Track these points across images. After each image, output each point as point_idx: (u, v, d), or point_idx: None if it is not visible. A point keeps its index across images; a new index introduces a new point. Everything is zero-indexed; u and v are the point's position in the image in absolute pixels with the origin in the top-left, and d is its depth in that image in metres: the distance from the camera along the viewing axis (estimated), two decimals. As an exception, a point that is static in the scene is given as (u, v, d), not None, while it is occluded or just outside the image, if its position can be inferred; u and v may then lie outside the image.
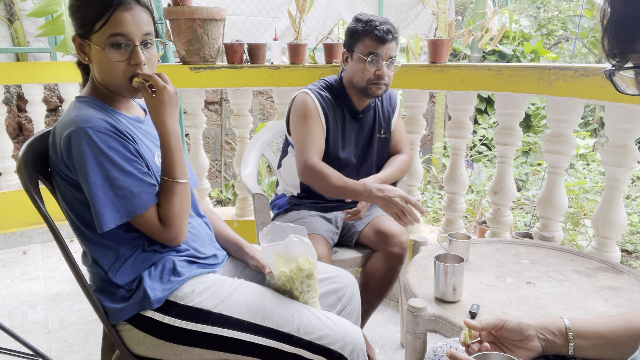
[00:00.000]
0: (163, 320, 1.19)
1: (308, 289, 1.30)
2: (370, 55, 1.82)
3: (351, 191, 1.78)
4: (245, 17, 4.70)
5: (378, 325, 2.31)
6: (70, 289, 2.64)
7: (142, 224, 1.19)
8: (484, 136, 4.81)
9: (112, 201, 1.13)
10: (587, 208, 3.39)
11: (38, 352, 1.83)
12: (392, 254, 1.85)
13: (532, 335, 0.91)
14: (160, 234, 1.21)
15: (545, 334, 0.91)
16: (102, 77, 1.21)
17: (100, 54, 1.17)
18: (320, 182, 1.81)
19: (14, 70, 3.24)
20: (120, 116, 1.26)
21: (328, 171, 1.80)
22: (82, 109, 1.18)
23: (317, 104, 1.89)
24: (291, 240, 1.27)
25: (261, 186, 3.49)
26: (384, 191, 1.74)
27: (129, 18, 1.16)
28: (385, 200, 1.73)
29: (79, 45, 1.20)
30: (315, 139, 1.85)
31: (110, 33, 1.15)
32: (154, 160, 1.27)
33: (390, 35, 1.81)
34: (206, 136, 4.92)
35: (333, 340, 1.22)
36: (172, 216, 1.20)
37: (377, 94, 1.88)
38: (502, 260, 1.64)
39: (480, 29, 2.80)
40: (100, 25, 1.15)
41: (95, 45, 1.16)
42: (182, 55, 2.61)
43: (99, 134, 1.12)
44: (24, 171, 1.20)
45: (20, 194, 1.03)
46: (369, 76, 1.84)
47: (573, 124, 1.99)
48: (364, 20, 1.84)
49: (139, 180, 1.17)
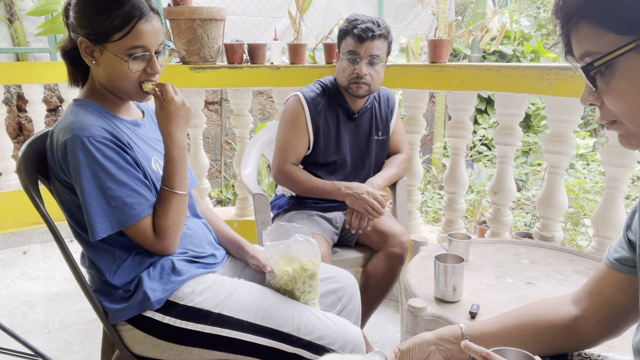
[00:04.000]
0: (163, 320, 1.19)
1: (310, 290, 1.30)
2: (348, 53, 1.83)
3: (321, 191, 1.87)
4: (245, 17, 4.70)
5: (378, 325, 2.31)
6: (70, 289, 2.65)
7: (134, 234, 1.19)
8: (484, 136, 4.81)
9: (104, 211, 1.13)
10: (587, 208, 3.39)
11: (38, 352, 1.83)
12: (393, 254, 1.86)
13: (433, 350, 0.93)
14: (152, 244, 1.20)
15: (445, 344, 0.93)
16: (113, 83, 1.21)
17: (117, 62, 1.17)
18: (291, 185, 1.91)
19: (14, 70, 3.24)
20: (117, 120, 1.25)
21: (298, 175, 1.88)
22: (79, 114, 1.18)
23: (306, 110, 1.89)
24: (296, 240, 1.27)
25: (261, 186, 3.49)
26: (352, 189, 1.81)
27: (149, 30, 1.17)
28: (354, 197, 1.80)
29: (86, 48, 1.18)
30: (293, 146, 1.90)
31: (131, 45, 1.15)
32: (150, 165, 1.26)
33: (370, 33, 1.79)
34: (206, 136, 4.92)
35: (333, 340, 1.22)
36: (167, 227, 1.20)
37: (357, 93, 1.87)
38: (502, 260, 1.64)
39: (480, 29, 2.80)
40: (121, 37, 1.15)
41: (112, 53, 1.16)
42: (182, 55, 2.61)
43: (95, 142, 1.12)
44: (24, 171, 1.20)
45: (21, 194, 1.04)
46: (348, 75, 1.85)
47: (573, 124, 1.99)
48: (349, 20, 1.85)
49: (132, 190, 1.16)
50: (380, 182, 1.93)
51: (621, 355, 0.94)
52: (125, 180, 1.15)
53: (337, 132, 1.95)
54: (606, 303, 0.88)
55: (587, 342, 0.92)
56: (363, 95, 1.89)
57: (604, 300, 0.88)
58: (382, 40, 1.83)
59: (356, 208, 1.80)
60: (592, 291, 0.91)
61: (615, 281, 0.87)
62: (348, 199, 1.81)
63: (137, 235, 1.19)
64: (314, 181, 1.88)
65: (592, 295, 0.90)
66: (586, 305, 0.91)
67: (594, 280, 0.91)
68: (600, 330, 0.89)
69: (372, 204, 1.78)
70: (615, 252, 0.87)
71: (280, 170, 1.91)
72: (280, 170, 1.91)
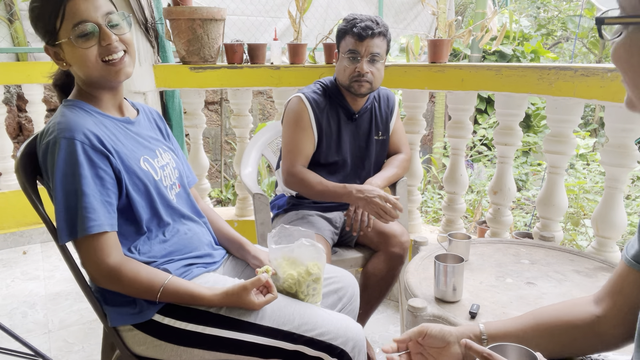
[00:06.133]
0: (163, 321, 1.19)
1: (313, 293, 1.30)
2: (349, 52, 1.83)
3: (332, 194, 1.83)
4: (245, 17, 4.69)
5: (378, 325, 2.31)
6: (70, 289, 2.65)
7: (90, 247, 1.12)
8: (484, 136, 4.80)
9: (65, 216, 1.11)
10: (587, 208, 3.39)
11: (38, 352, 1.83)
12: (393, 254, 1.86)
13: (453, 342, 0.92)
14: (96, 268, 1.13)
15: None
16: (83, 72, 1.19)
17: (73, 50, 1.16)
18: (302, 188, 1.87)
19: (14, 70, 3.24)
20: (107, 119, 1.24)
21: (309, 177, 1.85)
22: (66, 114, 1.17)
23: (309, 110, 1.89)
24: (301, 244, 1.27)
25: (261, 186, 3.49)
26: (363, 192, 1.78)
27: (82, 4, 1.15)
28: (366, 201, 1.77)
29: (53, 54, 1.19)
30: (301, 147, 1.89)
31: (73, 25, 1.14)
32: (139, 164, 1.24)
33: (370, 31, 1.80)
34: (206, 136, 4.92)
35: (335, 336, 1.21)
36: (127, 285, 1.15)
37: (359, 92, 1.87)
38: (502, 260, 1.64)
39: (480, 29, 2.80)
40: (60, 22, 1.14)
41: (67, 44, 1.15)
42: (182, 55, 2.61)
43: (73, 145, 1.11)
44: (22, 172, 1.20)
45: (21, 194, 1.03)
46: (349, 73, 1.85)
47: (573, 124, 1.99)
48: (348, 19, 1.86)
49: (101, 202, 1.13)
50: (379, 182, 1.93)
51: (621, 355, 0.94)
52: (88, 191, 1.11)
53: (338, 132, 1.95)
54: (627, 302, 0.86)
55: (607, 344, 0.90)
56: (365, 93, 1.89)
57: (625, 299, 0.86)
58: (382, 38, 1.84)
59: (369, 212, 1.79)
60: (613, 290, 0.89)
61: (634, 279, 0.85)
62: (360, 203, 1.79)
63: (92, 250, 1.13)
64: (325, 184, 1.84)
65: (613, 295, 0.88)
66: (607, 305, 0.89)
67: (614, 279, 0.89)
68: (621, 331, 0.87)
69: (384, 207, 1.76)
70: (632, 249, 0.86)
71: (291, 173, 1.87)
72: (291, 173, 1.87)
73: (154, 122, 1.43)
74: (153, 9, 2.65)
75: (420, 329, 0.94)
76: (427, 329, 0.93)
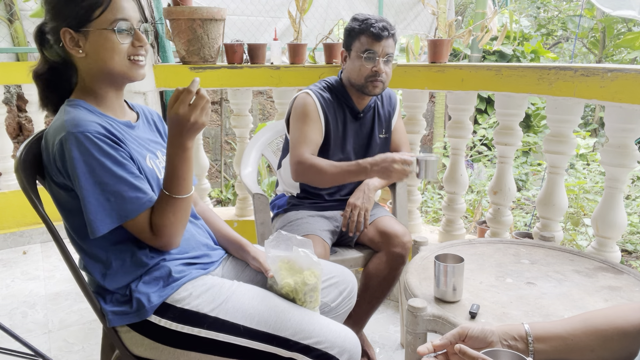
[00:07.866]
0: (159, 323, 1.19)
1: (311, 300, 1.30)
2: (367, 52, 1.83)
3: (347, 173, 1.76)
4: (245, 17, 4.70)
5: (378, 325, 2.31)
6: (70, 289, 2.65)
7: (133, 228, 1.18)
8: (484, 136, 4.81)
9: (103, 207, 1.12)
10: (587, 208, 3.39)
11: (38, 352, 1.83)
12: (395, 254, 1.86)
13: (495, 342, 0.91)
14: (150, 240, 1.20)
15: (508, 339, 0.91)
16: (106, 64, 1.20)
17: (105, 38, 1.17)
18: (314, 175, 1.81)
19: (14, 70, 3.24)
20: (109, 120, 1.24)
21: (320, 162, 1.80)
22: (71, 112, 1.17)
23: (317, 105, 1.89)
24: (297, 254, 1.27)
25: (261, 186, 3.49)
26: (379, 163, 1.71)
27: (126, 3, 1.20)
28: (386, 170, 1.70)
29: (69, 39, 1.18)
30: (310, 137, 1.86)
31: (114, 19, 1.17)
32: (145, 162, 1.25)
33: (387, 32, 1.82)
34: (206, 136, 4.92)
35: (331, 345, 1.21)
36: (163, 225, 1.18)
37: (374, 93, 1.88)
38: (502, 260, 1.64)
39: (480, 29, 2.80)
40: (101, 12, 1.16)
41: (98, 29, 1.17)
42: (182, 55, 2.61)
43: (89, 138, 1.11)
44: (22, 172, 1.20)
45: (21, 194, 1.03)
46: (366, 73, 1.85)
47: (573, 124, 1.99)
48: (361, 19, 1.85)
49: (130, 185, 1.15)
50: (377, 184, 1.93)
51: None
52: (122, 174, 1.14)
53: (343, 130, 1.95)
54: None
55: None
56: (378, 93, 1.90)
57: None
58: (393, 40, 1.86)
59: (394, 180, 1.76)
60: None
61: None
62: (380, 175, 1.72)
63: (136, 230, 1.18)
64: (337, 165, 1.78)
65: None
66: None
67: None
68: None
69: (405, 170, 1.68)
70: None
71: (301, 161, 1.80)
72: (301, 160, 1.80)
73: (154, 124, 1.43)
74: (153, 9, 2.65)
75: (460, 331, 0.91)
76: (467, 330, 0.91)
